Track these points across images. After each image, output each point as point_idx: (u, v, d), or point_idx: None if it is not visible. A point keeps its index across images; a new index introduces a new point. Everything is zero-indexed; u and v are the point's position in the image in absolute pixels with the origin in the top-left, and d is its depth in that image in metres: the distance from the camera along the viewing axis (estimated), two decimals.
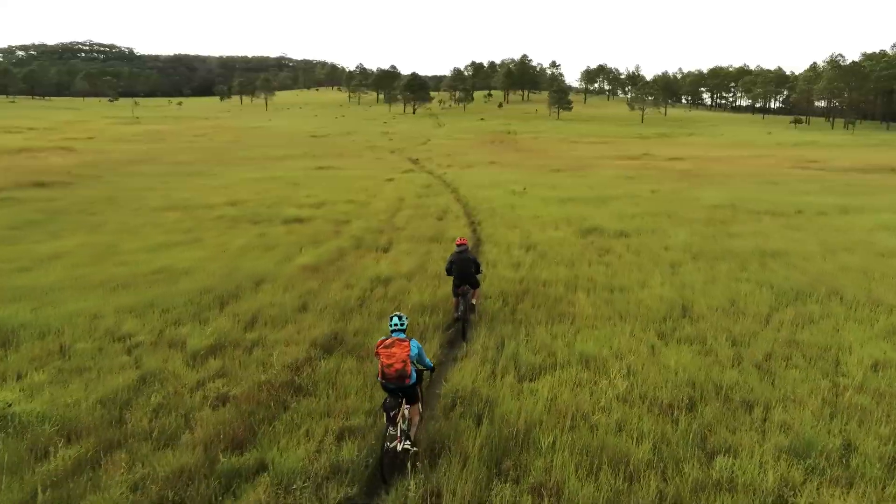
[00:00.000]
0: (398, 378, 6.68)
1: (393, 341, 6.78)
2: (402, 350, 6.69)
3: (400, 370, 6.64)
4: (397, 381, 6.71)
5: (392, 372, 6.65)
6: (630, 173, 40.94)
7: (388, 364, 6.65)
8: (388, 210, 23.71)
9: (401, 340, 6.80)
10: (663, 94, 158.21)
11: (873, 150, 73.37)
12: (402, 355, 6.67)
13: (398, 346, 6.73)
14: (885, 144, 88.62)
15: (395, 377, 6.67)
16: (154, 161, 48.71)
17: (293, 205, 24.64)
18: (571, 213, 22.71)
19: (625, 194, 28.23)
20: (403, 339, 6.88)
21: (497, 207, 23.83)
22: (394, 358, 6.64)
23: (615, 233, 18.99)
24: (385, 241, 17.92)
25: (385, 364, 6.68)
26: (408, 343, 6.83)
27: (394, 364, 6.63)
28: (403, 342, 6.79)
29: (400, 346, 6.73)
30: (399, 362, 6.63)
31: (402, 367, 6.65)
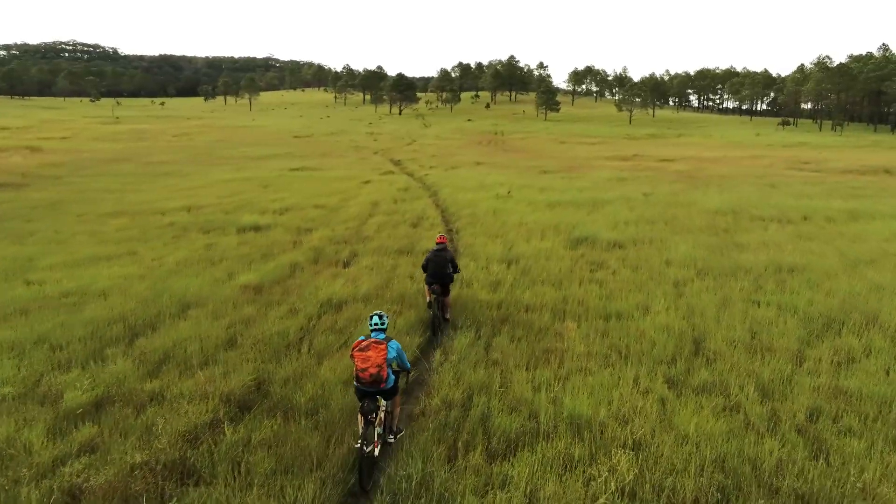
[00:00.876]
0: (373, 383, 6.36)
1: (369, 343, 6.39)
2: (378, 354, 6.32)
3: (375, 375, 6.31)
4: (372, 385, 6.38)
5: (366, 377, 6.32)
6: (623, 174, 39.02)
7: (363, 368, 6.31)
8: (359, 216, 21.53)
9: (377, 343, 6.42)
10: (651, 95, 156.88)
11: (865, 152, 72.13)
12: (377, 359, 6.30)
13: (374, 349, 6.35)
14: (876, 145, 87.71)
15: (369, 382, 6.35)
16: (127, 160, 46.30)
17: (256, 210, 22.39)
18: (560, 219, 20.64)
19: (618, 198, 26.21)
20: (381, 340, 6.48)
21: (479, 213, 21.72)
22: (369, 362, 6.28)
23: (609, 243, 16.92)
24: (348, 253, 15.74)
25: (359, 368, 6.33)
26: (385, 346, 6.43)
27: (368, 369, 6.28)
28: (380, 345, 6.41)
29: (376, 349, 6.35)
30: (374, 367, 6.28)
31: (377, 371, 6.30)
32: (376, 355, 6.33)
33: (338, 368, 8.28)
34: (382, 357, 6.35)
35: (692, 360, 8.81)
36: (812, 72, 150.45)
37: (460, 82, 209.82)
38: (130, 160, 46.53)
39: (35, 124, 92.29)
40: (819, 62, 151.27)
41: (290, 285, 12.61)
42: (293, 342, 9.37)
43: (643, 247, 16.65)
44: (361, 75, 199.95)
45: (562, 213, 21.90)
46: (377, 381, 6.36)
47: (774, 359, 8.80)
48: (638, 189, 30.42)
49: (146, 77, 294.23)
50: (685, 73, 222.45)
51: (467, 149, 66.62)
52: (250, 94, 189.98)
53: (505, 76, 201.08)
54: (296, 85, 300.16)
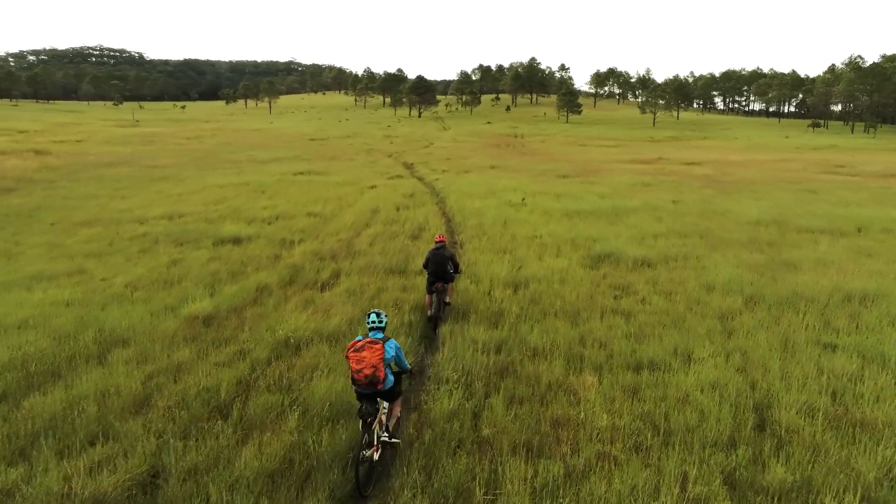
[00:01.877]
0: (369, 384, 6.09)
1: (364, 343, 6.12)
2: (374, 354, 6.04)
3: (370, 376, 6.03)
4: (368, 387, 6.12)
5: (362, 378, 6.05)
6: (646, 179, 36.42)
7: (357, 369, 6.04)
8: (354, 226, 19.34)
9: (373, 342, 6.13)
10: (675, 97, 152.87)
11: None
12: (372, 360, 6.03)
13: (369, 349, 6.07)
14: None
15: (365, 383, 6.08)
16: (129, 164, 44.84)
17: (242, 219, 20.34)
18: (578, 231, 18.23)
19: (643, 206, 23.70)
20: (378, 340, 6.21)
21: (487, 223, 19.39)
22: (363, 363, 6.00)
23: (635, 261, 14.48)
24: (330, 272, 13.52)
25: (354, 369, 6.07)
26: (381, 346, 6.16)
27: (363, 370, 6.02)
28: (376, 344, 6.13)
29: (371, 349, 6.07)
30: (369, 367, 6.01)
31: (373, 372, 6.03)
32: (371, 355, 6.03)
33: (268, 451, 6.04)
34: (378, 357, 6.05)
35: (758, 442, 6.38)
36: (843, 72, 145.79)
37: (480, 84, 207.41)
38: (132, 164, 45.05)
39: (52, 128, 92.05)
40: (851, 62, 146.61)
41: (248, 316, 10.42)
42: (222, 404, 7.14)
43: (676, 266, 14.18)
44: (381, 78, 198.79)
45: (580, 224, 19.49)
46: (373, 383, 6.06)
47: (873, 441, 6.34)
48: (664, 195, 27.84)
49: (169, 81, 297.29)
50: (710, 74, 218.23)
51: (483, 152, 64.39)
52: (269, 97, 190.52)
53: (525, 78, 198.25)
54: (316, 88, 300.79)
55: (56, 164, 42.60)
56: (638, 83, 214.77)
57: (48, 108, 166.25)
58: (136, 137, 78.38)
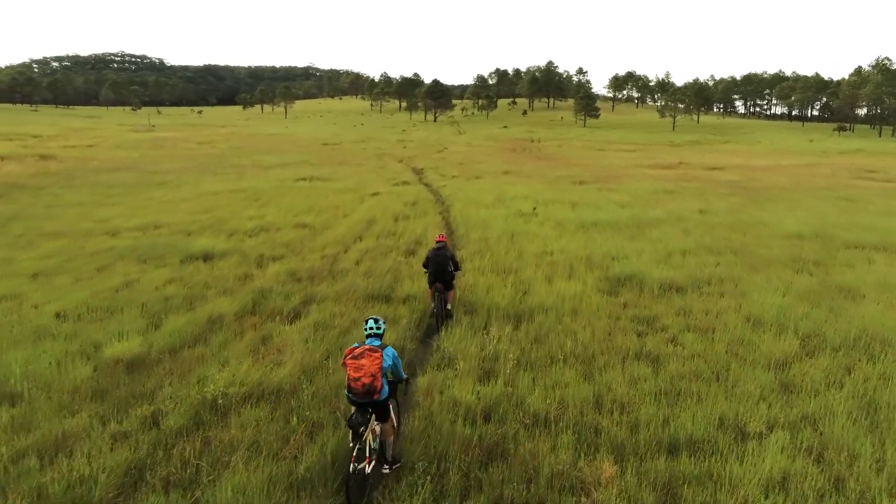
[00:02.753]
0: (366, 393, 5.76)
1: (363, 350, 5.81)
2: (373, 362, 5.75)
3: (368, 385, 5.73)
4: (365, 396, 5.79)
5: (359, 386, 5.73)
6: (668, 186, 34.05)
7: (356, 378, 5.73)
8: (344, 240, 17.39)
9: (372, 350, 5.82)
10: (696, 100, 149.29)
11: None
12: (371, 368, 5.73)
13: (368, 356, 5.77)
14: None
15: (362, 392, 5.76)
16: (132, 169, 43.47)
17: (224, 231, 18.52)
18: (595, 246, 16.08)
19: (667, 216, 21.46)
20: (377, 347, 5.88)
21: (493, 237, 17.32)
22: (362, 371, 5.72)
23: (662, 286, 12.31)
24: (302, 298, 11.54)
25: (352, 378, 5.76)
26: (380, 354, 5.83)
27: (361, 378, 5.71)
28: (375, 352, 5.81)
29: (370, 356, 5.77)
30: (367, 376, 5.71)
31: (371, 381, 5.72)
32: (370, 364, 5.73)
33: None
34: (377, 366, 5.75)
35: None
36: (870, 74, 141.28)
37: (497, 89, 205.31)
38: (135, 168, 43.69)
39: (66, 132, 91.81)
40: (878, 64, 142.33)
41: (185, 359, 8.45)
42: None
43: (711, 292, 11.97)
44: (397, 82, 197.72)
45: (597, 238, 17.31)
46: (370, 392, 5.76)
47: None
48: (689, 204, 25.54)
49: (188, 87, 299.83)
50: (731, 77, 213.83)
51: (497, 156, 62.35)
52: (285, 102, 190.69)
53: (543, 82, 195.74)
54: (333, 93, 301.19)
55: (55, 170, 41.37)
56: (657, 87, 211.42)
57: (67, 114, 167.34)
58: (148, 142, 77.66)
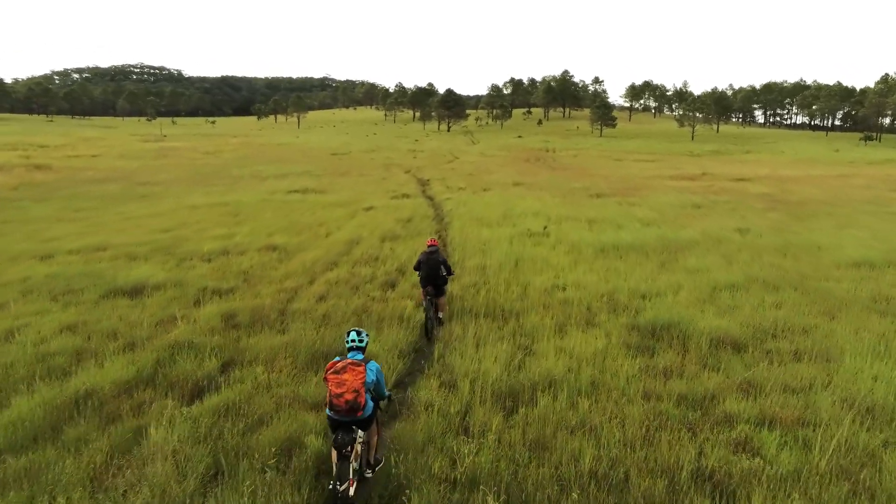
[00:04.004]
0: (349, 411, 5.40)
1: (345, 365, 5.49)
2: (356, 377, 5.42)
3: (351, 401, 5.37)
4: (348, 413, 5.43)
5: (341, 403, 5.38)
6: (696, 199, 30.86)
7: (338, 394, 5.38)
8: (315, 266, 14.48)
9: (355, 364, 5.50)
10: (715, 109, 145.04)
11: None
12: (354, 383, 5.38)
13: (351, 371, 5.43)
14: None
15: (345, 409, 5.39)
16: (123, 180, 41.12)
17: (176, 255, 15.73)
18: (619, 279, 13.00)
19: (702, 237, 18.30)
20: (360, 361, 5.57)
21: (493, 265, 14.30)
22: (344, 386, 5.37)
23: (713, 339, 9.19)
24: (225, 358, 8.60)
25: (334, 394, 5.41)
26: (363, 367, 5.51)
27: (344, 394, 5.36)
28: (358, 366, 5.49)
29: (353, 371, 5.43)
30: (350, 392, 5.36)
31: (354, 398, 5.38)
32: (353, 379, 5.40)
33: None
34: (360, 381, 5.43)
35: None
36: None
37: (512, 98, 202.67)
38: (126, 180, 41.35)
39: (75, 142, 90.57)
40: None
41: None
42: None
43: (782, 352, 8.81)
44: (411, 92, 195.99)
45: (621, 268, 14.21)
46: (354, 409, 5.41)
47: None
48: (724, 222, 22.34)
49: (204, 97, 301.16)
50: (750, 87, 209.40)
51: (510, 167, 59.35)
52: (298, 112, 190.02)
53: (558, 91, 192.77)
54: (348, 103, 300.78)
55: (41, 181, 39.17)
56: (674, 96, 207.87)
57: (82, 124, 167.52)
58: (153, 152, 75.94)
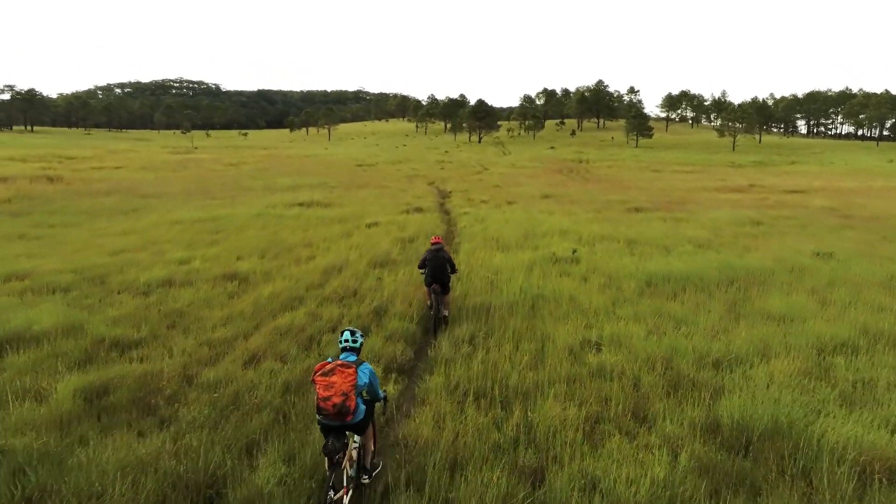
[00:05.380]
0: (338, 415, 5.09)
1: (334, 367, 5.15)
2: (345, 380, 5.08)
3: (339, 405, 5.03)
4: (337, 418, 5.13)
5: (329, 407, 5.05)
6: (752, 214, 26.71)
7: (325, 397, 5.05)
8: (270, 305, 11.12)
9: (345, 366, 5.16)
10: (757, 119, 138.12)
11: None
12: (343, 386, 5.05)
13: (340, 373, 5.11)
14: None
15: (333, 414, 5.08)
16: (124, 192, 38.62)
17: (106, 287, 12.63)
18: (675, 331, 9.26)
19: (775, 265, 14.34)
20: (351, 363, 5.22)
21: (503, 305, 10.69)
22: (332, 389, 5.04)
23: (853, 465, 5.43)
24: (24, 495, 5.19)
25: (321, 397, 5.08)
26: (354, 370, 5.16)
27: (332, 398, 5.03)
28: (348, 368, 5.15)
29: (342, 373, 5.11)
30: (338, 395, 5.03)
31: (342, 401, 5.03)
32: (342, 381, 5.07)
33: None
34: (350, 384, 5.08)
35: None
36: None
37: (545, 109, 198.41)
38: (129, 191, 38.91)
39: (103, 154, 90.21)
40: None
41: None
42: None
43: None
44: (443, 104, 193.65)
45: (675, 312, 10.39)
46: (343, 414, 5.09)
47: None
48: (795, 243, 18.29)
49: (239, 110, 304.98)
50: (792, 95, 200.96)
51: (541, 178, 55.61)
52: (329, 124, 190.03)
53: (592, 102, 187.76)
54: (380, 115, 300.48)
55: (39, 193, 36.95)
56: (713, 106, 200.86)
57: (118, 137, 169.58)
58: (174, 164, 74.61)
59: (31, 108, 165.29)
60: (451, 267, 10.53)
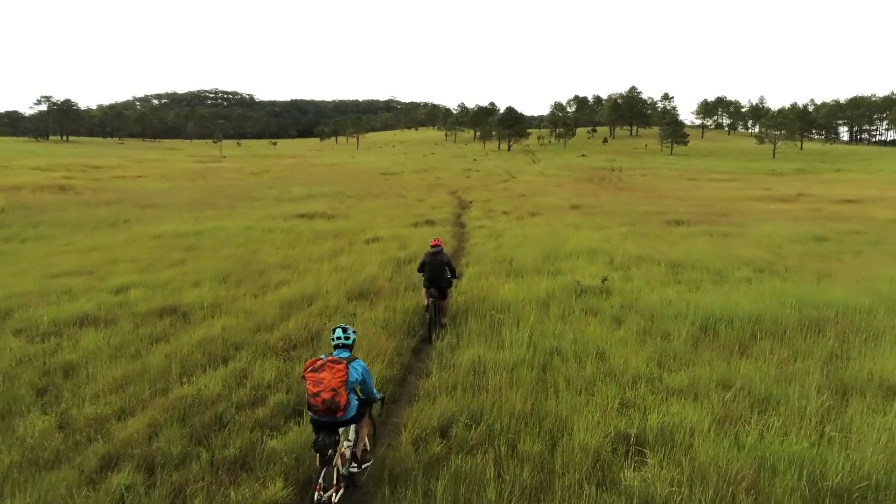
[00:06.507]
0: (327, 411, 4.99)
1: (324, 363, 5.06)
2: (335, 376, 4.97)
3: (328, 401, 4.93)
4: (326, 414, 5.03)
5: (318, 403, 4.96)
6: (811, 228, 23.25)
7: (314, 393, 4.96)
8: (193, 357, 8.34)
9: (335, 362, 5.07)
10: (799, 125, 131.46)
11: None
12: (332, 382, 4.95)
13: (329, 369, 5.01)
14: None
15: (322, 410, 4.98)
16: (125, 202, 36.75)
17: (4, 328, 9.96)
18: (760, 425, 6.11)
19: (874, 300, 10.95)
20: (342, 359, 5.13)
21: (501, 369, 7.64)
22: (321, 385, 4.94)
23: None
24: None
25: (311, 393, 4.99)
26: (344, 366, 5.07)
27: (321, 393, 4.93)
28: (338, 364, 5.05)
29: (332, 369, 5.00)
30: (327, 391, 4.93)
31: (331, 397, 4.94)
32: (331, 377, 4.96)
33: None
34: (339, 380, 4.98)
35: None
36: None
37: (576, 116, 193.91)
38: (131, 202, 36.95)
39: (129, 163, 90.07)
40: None
41: None
42: None
43: None
44: (472, 112, 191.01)
45: (748, 377, 7.21)
46: (332, 410, 4.98)
47: None
48: (882, 266, 14.78)
49: (271, 120, 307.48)
50: (834, 101, 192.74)
51: (570, 187, 52.25)
52: (357, 133, 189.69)
53: (625, 109, 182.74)
54: (410, 124, 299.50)
55: (34, 204, 35.22)
56: (750, 112, 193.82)
57: (150, 146, 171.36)
58: (194, 173, 73.64)
59: (66, 118, 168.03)
60: (450, 271, 10.19)
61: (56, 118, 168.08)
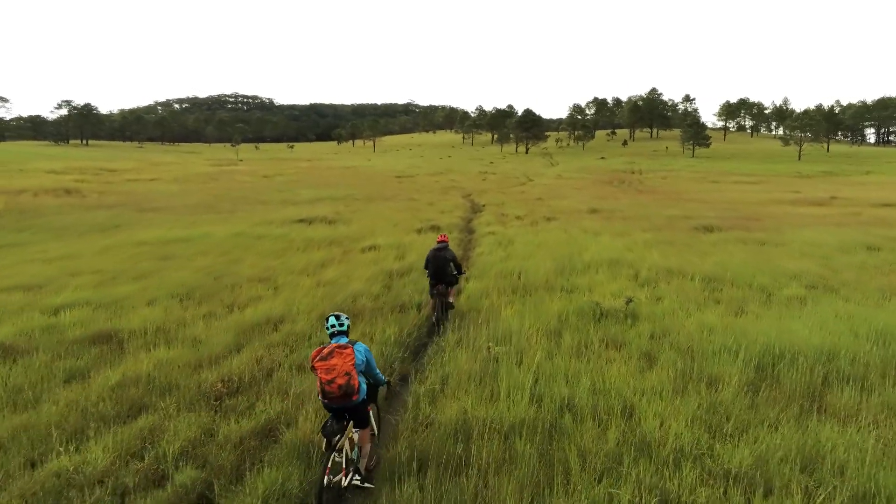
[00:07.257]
0: (343, 396, 5.01)
1: (331, 350, 5.05)
2: (345, 360, 5.01)
3: (344, 385, 4.96)
4: (342, 399, 5.04)
5: (334, 389, 4.95)
6: (857, 235, 20.95)
7: (329, 380, 4.94)
8: (102, 408, 6.53)
9: (342, 347, 5.08)
10: (825, 127, 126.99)
11: None
12: (344, 367, 4.98)
13: (338, 354, 5.03)
14: None
15: (339, 395, 4.98)
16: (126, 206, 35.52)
17: None
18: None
19: None
20: (345, 344, 5.13)
21: (496, 427, 5.73)
22: (335, 371, 4.94)
23: None
24: None
25: (324, 381, 4.96)
26: (350, 349, 5.10)
27: (336, 379, 4.94)
28: (345, 349, 5.07)
29: (340, 354, 5.03)
30: (342, 376, 4.95)
31: (347, 381, 4.97)
32: (342, 362, 4.98)
33: None
34: (350, 363, 5.00)
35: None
36: None
37: (595, 119, 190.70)
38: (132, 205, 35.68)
39: (143, 166, 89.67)
40: None
41: None
42: None
43: None
44: (489, 115, 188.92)
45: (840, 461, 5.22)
46: (348, 393, 4.99)
47: None
48: None
49: (289, 123, 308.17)
50: (861, 102, 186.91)
51: (588, 190, 50.09)
52: (374, 136, 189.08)
53: (645, 111, 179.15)
54: (428, 127, 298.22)
55: (31, 207, 34.11)
56: (773, 114, 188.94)
57: (169, 150, 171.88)
58: (206, 176, 72.85)
59: (86, 122, 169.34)
60: (455, 267, 10.12)
61: (76, 122, 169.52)
